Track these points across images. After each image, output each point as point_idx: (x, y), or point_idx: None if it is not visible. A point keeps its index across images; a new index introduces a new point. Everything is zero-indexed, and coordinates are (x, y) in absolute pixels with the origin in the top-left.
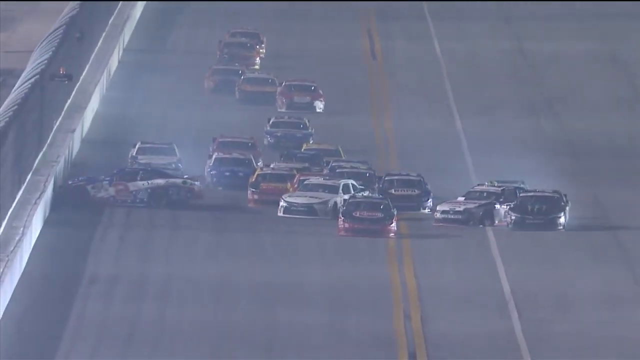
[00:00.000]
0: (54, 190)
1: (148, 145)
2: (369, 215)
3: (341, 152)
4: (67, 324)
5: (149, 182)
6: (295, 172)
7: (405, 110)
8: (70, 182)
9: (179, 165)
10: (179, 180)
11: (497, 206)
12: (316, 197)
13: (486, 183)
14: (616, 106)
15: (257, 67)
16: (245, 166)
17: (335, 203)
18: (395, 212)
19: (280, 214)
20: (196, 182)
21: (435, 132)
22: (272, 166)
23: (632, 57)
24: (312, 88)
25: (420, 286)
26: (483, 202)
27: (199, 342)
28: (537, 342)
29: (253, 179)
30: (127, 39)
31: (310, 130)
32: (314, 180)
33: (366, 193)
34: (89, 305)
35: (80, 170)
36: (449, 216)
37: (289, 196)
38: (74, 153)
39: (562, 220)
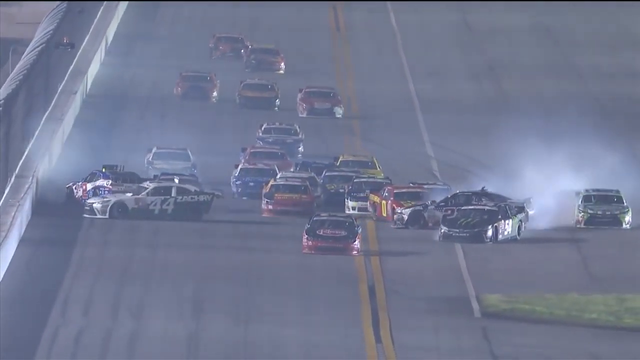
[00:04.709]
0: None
1: (163, 150)
2: (333, 233)
3: (376, 163)
4: (69, 263)
5: (93, 182)
6: (307, 182)
7: (364, 74)
8: (66, 186)
9: (193, 169)
10: (107, 182)
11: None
12: (103, 198)
13: (583, 190)
14: (547, 72)
15: (281, 72)
16: (270, 176)
17: (123, 203)
18: (360, 230)
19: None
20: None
21: (391, 93)
22: (288, 176)
23: (562, 29)
24: (332, 94)
25: (378, 230)
26: (416, 205)
27: (185, 277)
28: (479, 276)
29: (267, 190)
30: (122, 12)
31: (300, 136)
32: (166, 183)
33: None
34: (88, 247)
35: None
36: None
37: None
38: (77, 112)
39: (489, 233)
